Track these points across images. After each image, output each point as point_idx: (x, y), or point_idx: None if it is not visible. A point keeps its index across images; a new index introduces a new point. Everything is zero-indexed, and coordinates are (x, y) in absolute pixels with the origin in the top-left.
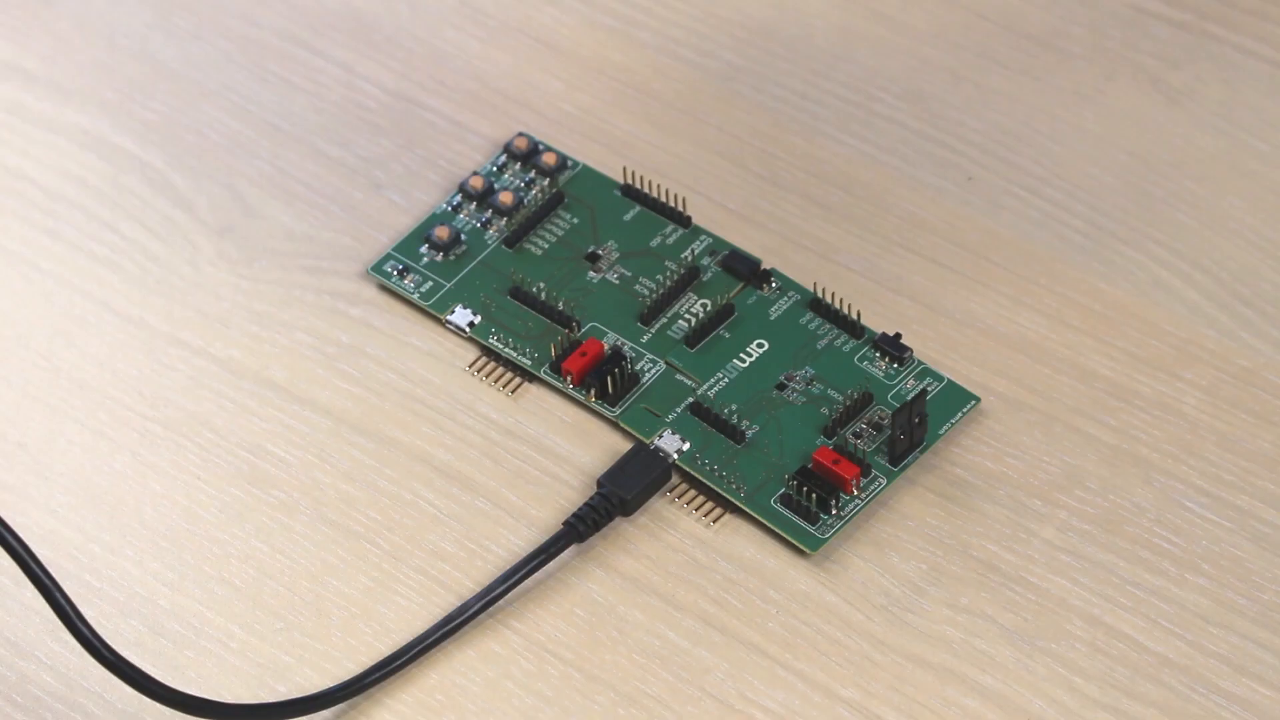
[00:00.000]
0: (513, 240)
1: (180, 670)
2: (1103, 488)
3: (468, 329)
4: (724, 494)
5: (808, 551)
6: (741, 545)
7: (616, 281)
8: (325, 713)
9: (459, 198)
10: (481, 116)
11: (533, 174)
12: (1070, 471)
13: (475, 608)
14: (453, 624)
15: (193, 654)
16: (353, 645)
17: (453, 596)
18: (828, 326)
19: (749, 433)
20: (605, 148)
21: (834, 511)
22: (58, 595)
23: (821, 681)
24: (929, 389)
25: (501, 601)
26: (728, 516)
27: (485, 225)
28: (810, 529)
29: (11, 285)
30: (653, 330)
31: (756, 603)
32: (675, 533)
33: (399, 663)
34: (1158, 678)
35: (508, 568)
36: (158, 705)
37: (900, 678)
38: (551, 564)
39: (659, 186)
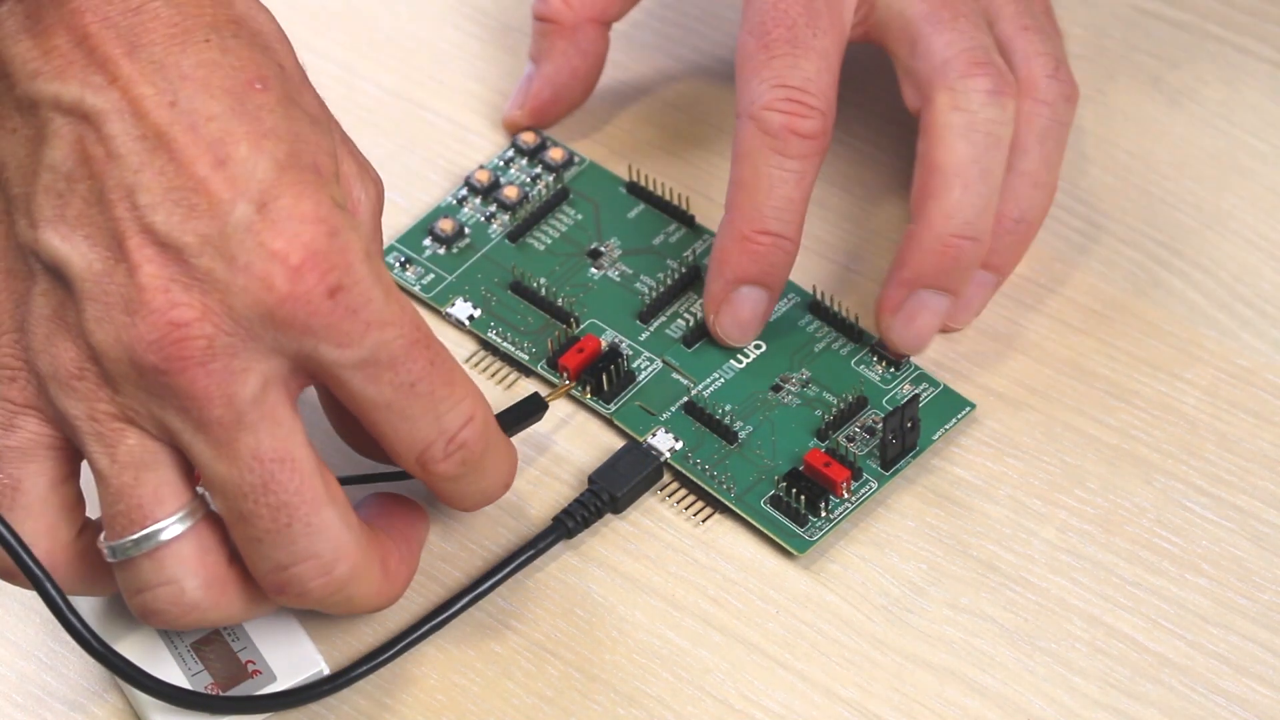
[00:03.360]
0: (516, 235)
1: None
2: (1103, 488)
3: (467, 322)
4: (714, 493)
5: (795, 553)
6: (741, 545)
7: (617, 279)
8: (327, 713)
9: (464, 191)
10: (481, 116)
11: (539, 169)
12: (1070, 471)
13: (462, 602)
14: (439, 618)
15: None
16: (353, 645)
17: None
18: (826, 329)
19: (742, 433)
20: (605, 147)
21: (823, 514)
22: (49, 587)
23: (821, 681)
24: (924, 394)
25: (500, 601)
26: (718, 516)
27: (489, 219)
28: (799, 531)
29: None
30: (651, 328)
31: (756, 603)
32: (676, 533)
33: (383, 657)
34: (1158, 678)
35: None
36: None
37: (900, 678)
38: (551, 565)
39: (664, 185)
